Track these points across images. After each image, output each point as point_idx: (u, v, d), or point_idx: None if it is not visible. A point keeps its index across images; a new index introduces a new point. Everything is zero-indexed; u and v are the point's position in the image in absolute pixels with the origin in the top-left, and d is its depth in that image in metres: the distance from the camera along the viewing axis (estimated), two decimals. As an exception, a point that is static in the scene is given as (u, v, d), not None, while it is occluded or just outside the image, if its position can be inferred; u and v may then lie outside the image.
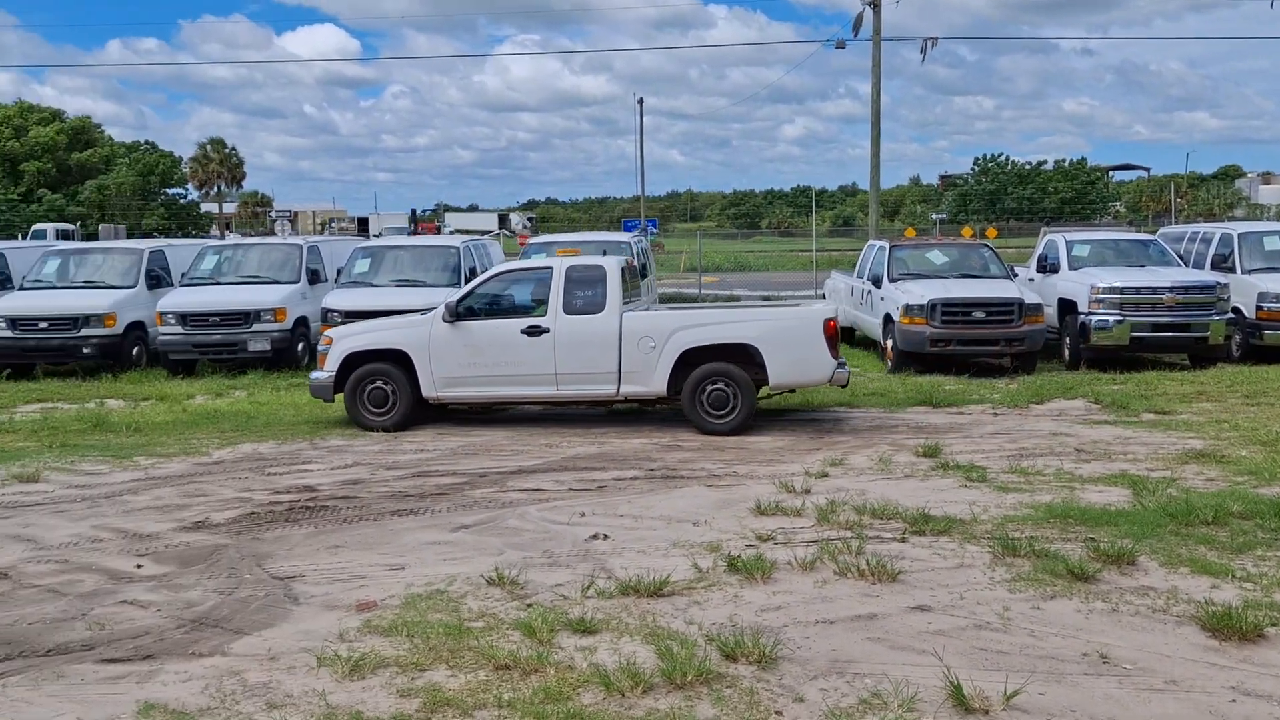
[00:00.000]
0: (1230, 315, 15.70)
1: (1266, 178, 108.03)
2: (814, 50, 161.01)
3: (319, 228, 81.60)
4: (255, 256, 18.35)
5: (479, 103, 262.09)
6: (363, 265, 17.18)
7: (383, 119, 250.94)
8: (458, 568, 6.64)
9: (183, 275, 18.05)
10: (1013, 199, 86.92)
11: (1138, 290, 15.45)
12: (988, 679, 4.73)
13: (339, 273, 17.70)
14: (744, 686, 4.76)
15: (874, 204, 29.98)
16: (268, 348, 16.35)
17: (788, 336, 11.15)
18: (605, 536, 7.25)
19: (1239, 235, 17.08)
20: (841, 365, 11.34)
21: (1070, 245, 17.37)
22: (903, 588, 6.05)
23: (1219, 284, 15.67)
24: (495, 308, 11.67)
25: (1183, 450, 9.75)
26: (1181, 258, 17.41)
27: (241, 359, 16.60)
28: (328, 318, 15.82)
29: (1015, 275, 16.99)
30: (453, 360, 11.43)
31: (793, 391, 12.22)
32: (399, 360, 11.57)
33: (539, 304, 11.50)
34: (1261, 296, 15.75)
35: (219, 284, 17.49)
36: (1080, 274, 16.38)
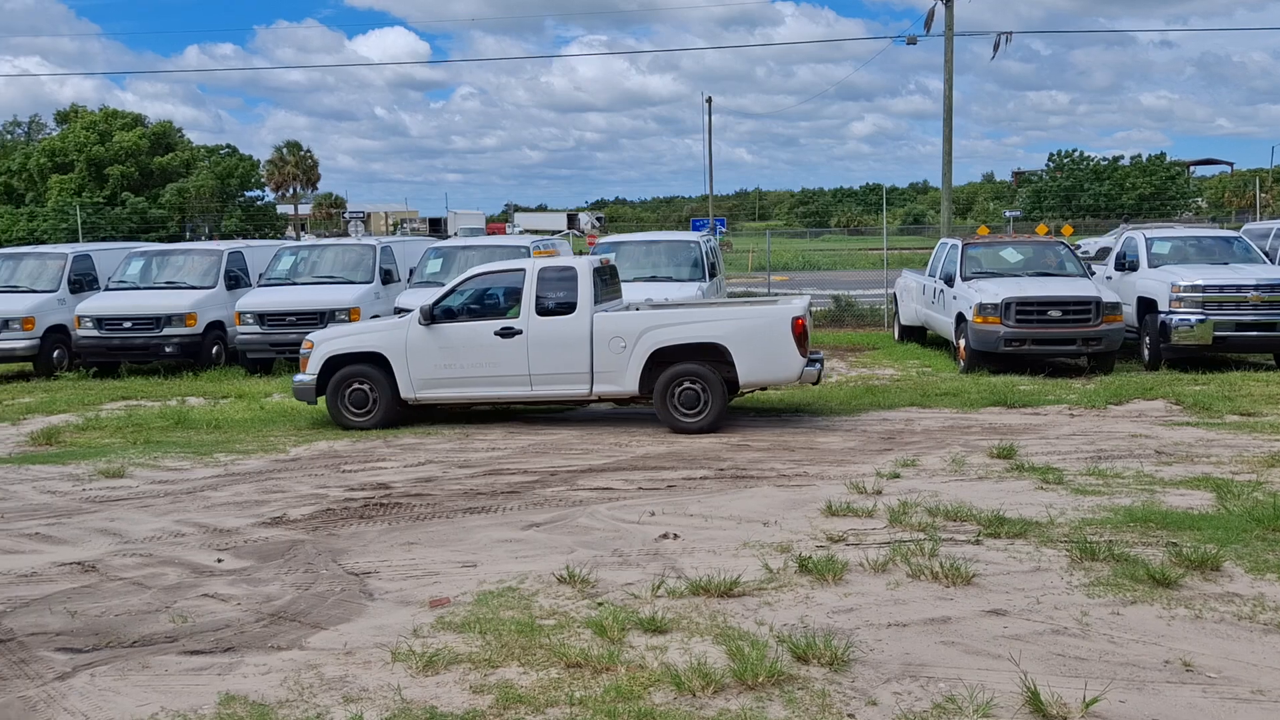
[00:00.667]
0: (1319, 314, 15.19)
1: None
2: (883, 47, 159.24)
3: (390, 229, 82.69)
4: (330, 257, 18.69)
5: (546, 103, 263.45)
6: (435, 265, 17.39)
7: (452, 120, 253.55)
8: (529, 565, 6.69)
9: (260, 276, 18.46)
10: (1089, 195, 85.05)
11: (1221, 288, 15.02)
12: (1065, 685, 4.64)
13: (411, 273, 17.95)
14: (816, 689, 4.72)
15: (946, 201, 29.55)
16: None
17: (756, 335, 11.19)
18: (675, 536, 7.25)
19: (1328, 231, 16.53)
20: (812, 363, 11.39)
21: (1150, 242, 16.95)
22: (977, 591, 5.96)
23: (1307, 282, 15.18)
24: (470, 310, 11.80)
25: (1269, 453, 9.46)
26: (1267, 254, 16.91)
27: (317, 358, 16.90)
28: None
29: (1092, 273, 16.64)
30: (429, 362, 11.61)
31: (764, 389, 12.23)
32: (378, 362, 11.76)
33: (512, 305, 11.63)
34: (1352, 294, 15.21)
35: (295, 284, 17.85)
36: (1161, 271, 15.98)
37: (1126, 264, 17.06)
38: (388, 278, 18.08)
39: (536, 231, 55.42)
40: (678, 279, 16.25)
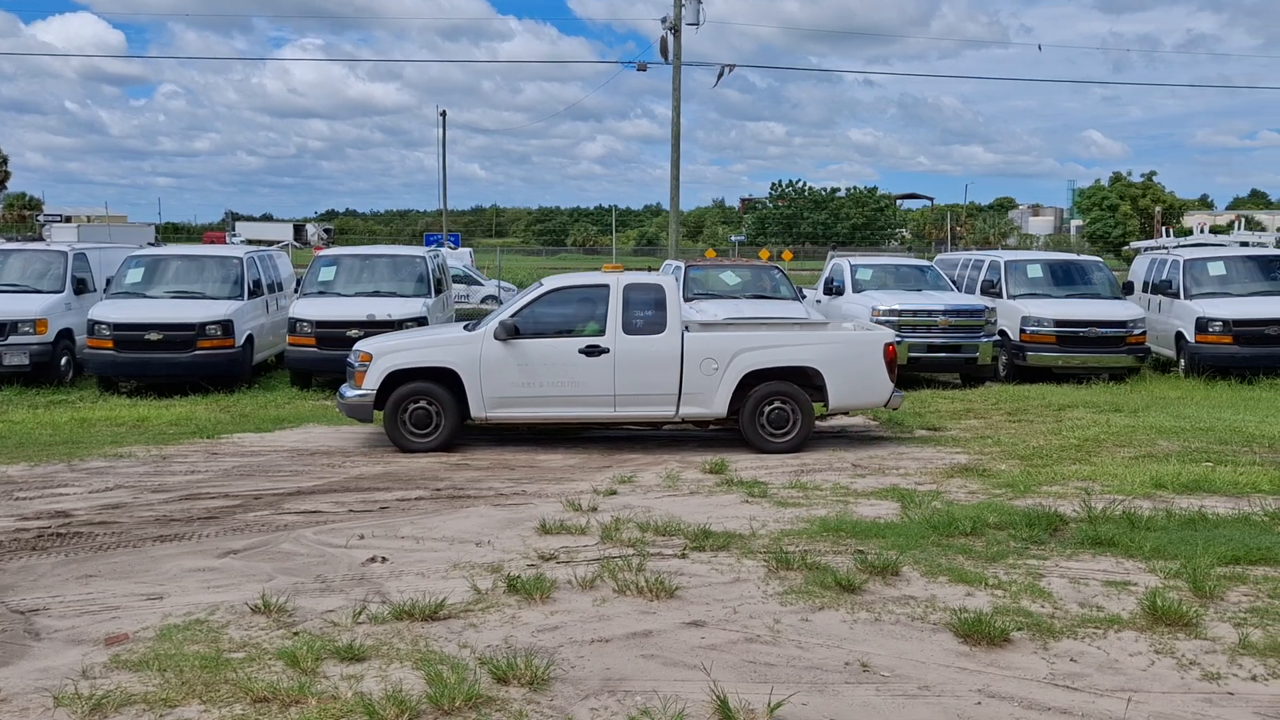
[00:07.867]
0: (997, 337, 16.77)
1: (1036, 209, 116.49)
2: (614, 71, 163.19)
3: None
4: (16, 264, 17.01)
5: (261, 107, 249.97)
6: (135, 275, 16.21)
7: (156, 120, 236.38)
8: (222, 596, 6.29)
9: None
10: (809, 223, 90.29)
11: (914, 313, 16.32)
12: (754, 691, 4.81)
13: (109, 282, 16.63)
14: (513, 710, 4.67)
15: (674, 225, 30.56)
16: (26, 362, 15.21)
17: (850, 359, 11.29)
18: (384, 559, 7.03)
19: (1005, 263, 18.29)
20: (898, 391, 11.53)
21: (854, 269, 18.20)
22: (679, 604, 6.11)
23: (987, 308, 16.73)
24: (550, 326, 11.19)
25: (949, 465, 10.29)
26: (955, 283, 18.50)
27: (-3, 374, 15.38)
28: (94, 331, 14.88)
29: (804, 297, 17.63)
30: (505, 380, 10.95)
31: (848, 414, 12.32)
32: (445, 379, 10.99)
33: (596, 323, 11.14)
34: (1024, 320, 16.91)
35: (-28, 293, 16.15)
36: (863, 296, 17.17)
37: (834, 289, 18.22)
38: (81, 287, 16.66)
39: (260, 241, 52.96)
40: (401, 294, 15.95)
